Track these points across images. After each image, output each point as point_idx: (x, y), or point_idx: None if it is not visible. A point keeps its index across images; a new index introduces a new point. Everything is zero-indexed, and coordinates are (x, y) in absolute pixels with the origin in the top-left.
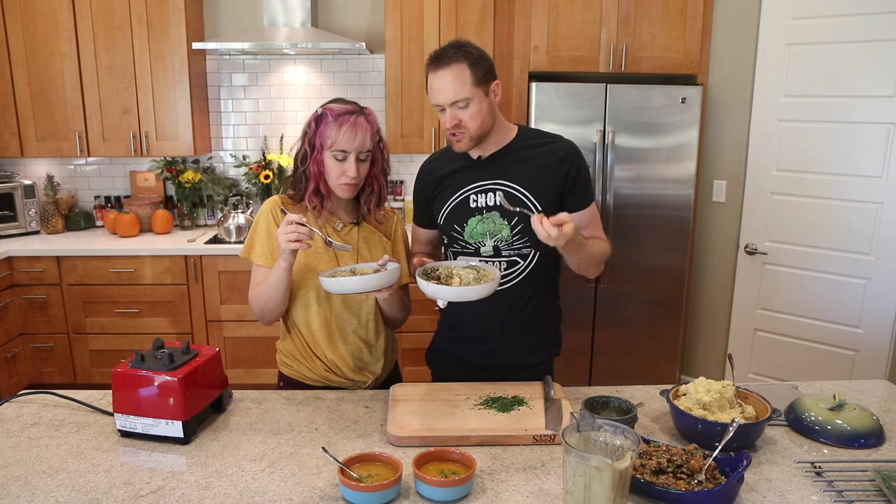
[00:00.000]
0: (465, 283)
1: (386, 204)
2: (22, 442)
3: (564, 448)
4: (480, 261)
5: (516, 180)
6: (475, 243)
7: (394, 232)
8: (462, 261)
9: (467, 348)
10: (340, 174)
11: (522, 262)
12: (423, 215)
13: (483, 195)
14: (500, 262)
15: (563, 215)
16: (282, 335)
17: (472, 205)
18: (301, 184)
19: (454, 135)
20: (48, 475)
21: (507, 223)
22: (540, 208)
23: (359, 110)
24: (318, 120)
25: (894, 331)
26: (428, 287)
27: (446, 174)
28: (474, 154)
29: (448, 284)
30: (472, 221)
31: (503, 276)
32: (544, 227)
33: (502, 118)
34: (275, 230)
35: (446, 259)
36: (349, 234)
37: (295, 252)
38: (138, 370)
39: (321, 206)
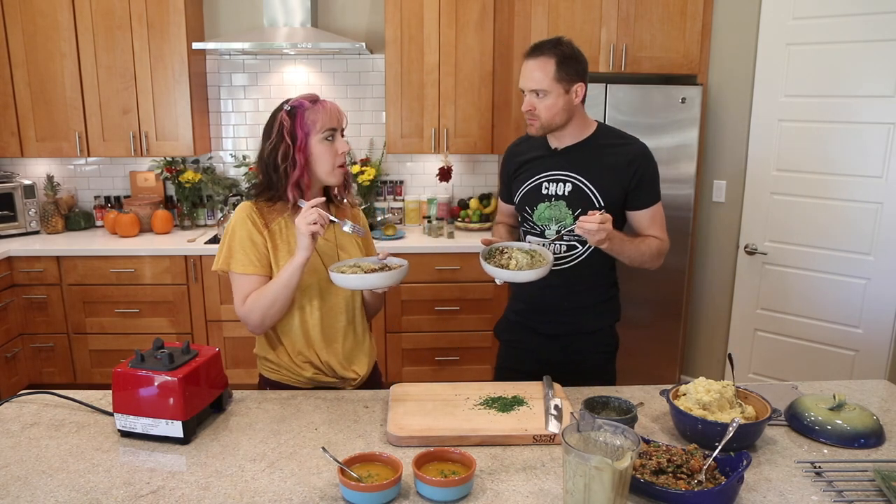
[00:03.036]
0: (518, 266)
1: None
2: (22, 442)
3: (564, 448)
4: (543, 243)
5: (585, 175)
6: (542, 226)
7: (362, 225)
8: (526, 244)
9: (531, 318)
10: (334, 155)
11: (581, 248)
12: (505, 191)
13: (554, 184)
14: (561, 244)
15: (606, 216)
16: (262, 345)
17: (544, 191)
18: (282, 181)
19: (528, 118)
20: (48, 475)
21: (571, 212)
22: (603, 204)
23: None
24: (291, 113)
25: (894, 331)
26: (487, 269)
27: (527, 160)
28: (552, 145)
29: (505, 265)
30: (542, 206)
31: (563, 257)
32: (585, 223)
33: (584, 114)
34: (257, 237)
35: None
36: (329, 231)
37: (314, 239)
38: (138, 370)
39: (301, 198)
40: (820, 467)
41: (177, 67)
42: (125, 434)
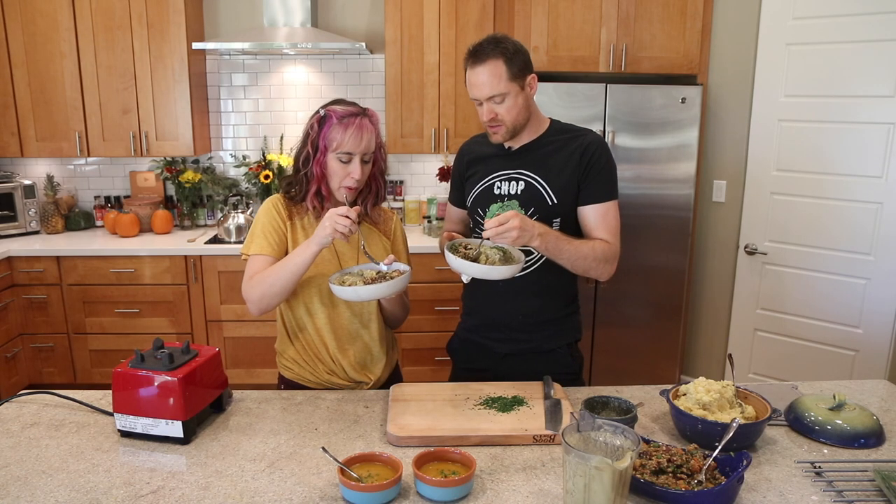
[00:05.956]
0: (490, 262)
1: (385, 204)
2: (22, 442)
3: (564, 448)
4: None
5: (538, 172)
6: None
7: (393, 231)
8: (488, 242)
9: (486, 335)
10: (344, 176)
11: (537, 253)
12: (457, 193)
13: (507, 183)
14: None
15: (507, 214)
16: (282, 339)
17: (497, 191)
18: (302, 186)
19: (491, 127)
20: (48, 475)
21: (524, 212)
22: (556, 201)
23: (362, 112)
24: (321, 122)
25: (894, 331)
26: (455, 261)
27: (479, 158)
28: (506, 143)
29: (476, 260)
30: (494, 207)
31: None
32: (489, 228)
33: (537, 110)
34: (278, 224)
35: None
36: (356, 237)
37: (332, 240)
38: (138, 370)
39: (321, 208)
40: (820, 467)
41: (177, 67)
42: (125, 434)
